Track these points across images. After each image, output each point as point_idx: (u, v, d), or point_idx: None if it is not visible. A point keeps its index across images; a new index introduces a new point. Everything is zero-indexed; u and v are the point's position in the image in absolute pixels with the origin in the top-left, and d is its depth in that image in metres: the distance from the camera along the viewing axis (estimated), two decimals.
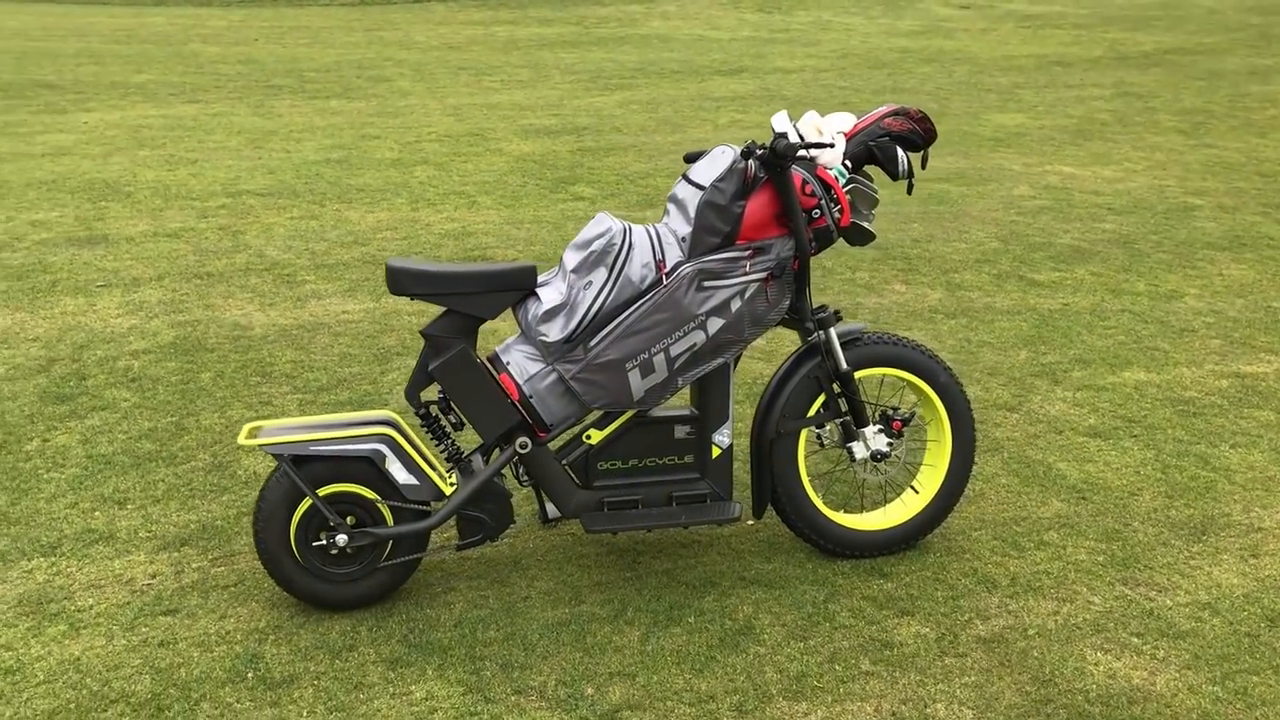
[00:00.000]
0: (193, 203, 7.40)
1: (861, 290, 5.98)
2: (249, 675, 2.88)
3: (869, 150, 3.22)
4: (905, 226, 7.29)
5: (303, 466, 3.03)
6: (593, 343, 3.06)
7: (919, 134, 3.27)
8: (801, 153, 3.18)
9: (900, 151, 3.23)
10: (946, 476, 3.44)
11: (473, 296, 3.07)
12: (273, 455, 3.02)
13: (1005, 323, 5.52)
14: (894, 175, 3.25)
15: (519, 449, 3.13)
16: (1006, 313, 5.67)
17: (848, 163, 3.21)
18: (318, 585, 3.08)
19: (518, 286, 3.10)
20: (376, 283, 5.85)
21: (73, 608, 3.16)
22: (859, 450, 3.37)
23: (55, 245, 6.44)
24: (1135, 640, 3.05)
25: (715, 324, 3.09)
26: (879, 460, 3.38)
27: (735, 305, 3.10)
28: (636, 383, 3.09)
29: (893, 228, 7.22)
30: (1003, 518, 3.68)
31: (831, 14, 20.09)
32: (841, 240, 6.81)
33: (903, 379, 3.39)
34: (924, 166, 3.37)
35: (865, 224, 3.29)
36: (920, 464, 3.57)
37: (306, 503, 3.03)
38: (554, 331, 3.05)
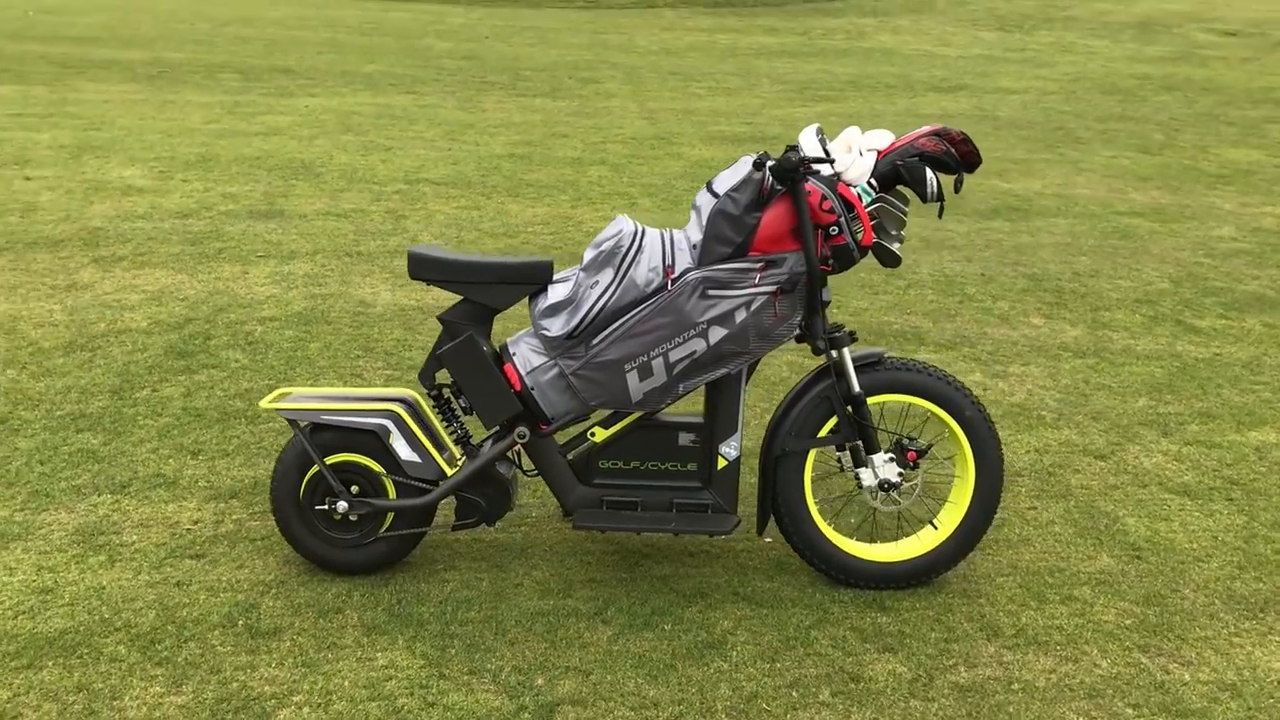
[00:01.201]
0: (372, 186, 7.84)
1: (994, 320, 5.75)
2: (239, 623, 3.08)
3: (896, 170, 3.13)
4: (1072, 259, 6.94)
5: (316, 434, 3.20)
6: (594, 341, 3.11)
7: (954, 157, 3.15)
8: (825, 169, 3.12)
9: (930, 173, 3.12)
10: (965, 516, 3.30)
11: (486, 287, 3.17)
12: (288, 420, 3.21)
13: (1137, 367, 5.19)
14: (923, 197, 3.14)
15: (517, 438, 3.21)
16: (1143, 357, 5.33)
17: (873, 181, 3.13)
18: (321, 547, 3.26)
19: (531, 280, 3.18)
20: None
21: (117, 542, 3.46)
22: (867, 478, 3.27)
23: (236, 217, 6.97)
24: (1129, 712, 2.85)
25: (717, 333, 3.07)
26: (888, 490, 3.27)
27: (740, 316, 3.07)
28: (634, 385, 3.12)
29: (1056, 258, 6.89)
30: (1038, 567, 3.49)
31: (1076, 36, 19.20)
32: (983, 269, 6.57)
33: (924, 408, 3.27)
34: (957, 190, 3.24)
35: (891, 245, 3.20)
36: (945, 500, 3.43)
37: (316, 468, 3.20)
38: (556, 327, 3.12)
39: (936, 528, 3.36)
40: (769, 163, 3.02)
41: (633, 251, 3.11)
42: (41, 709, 2.74)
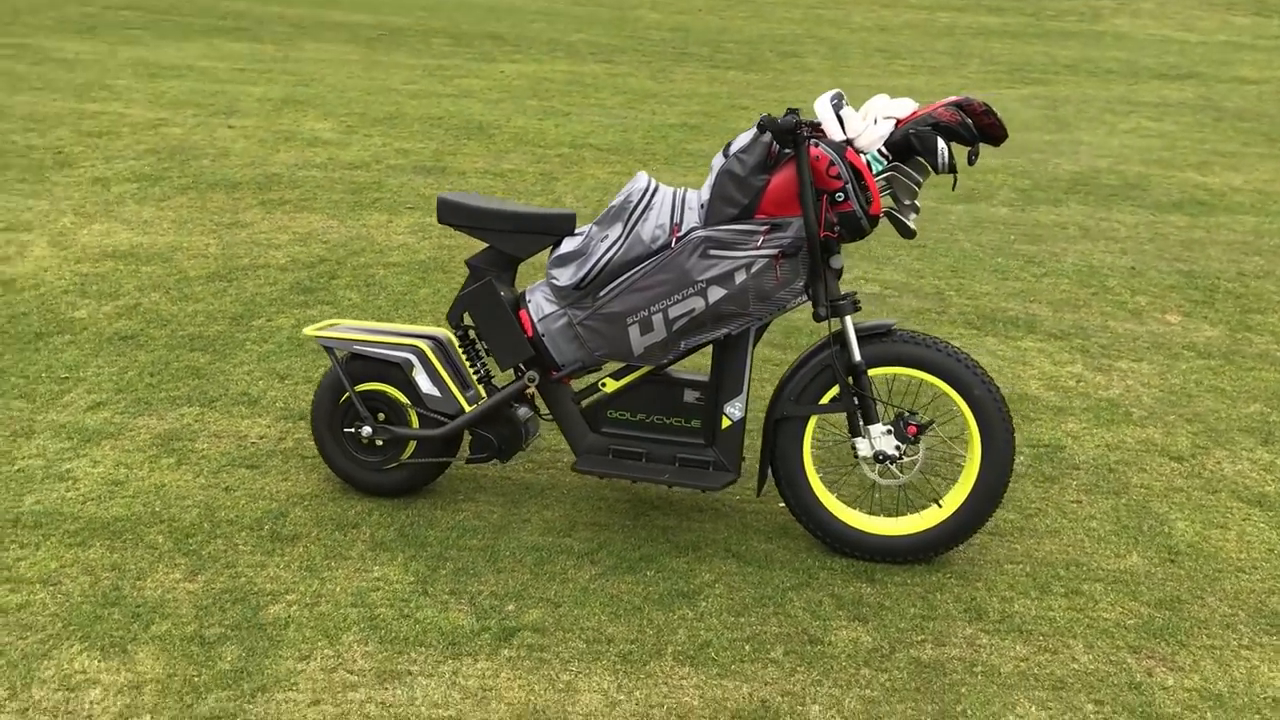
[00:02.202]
0: (536, 149, 8.14)
1: (1123, 314, 5.49)
2: (265, 528, 3.38)
3: (908, 139, 3.09)
4: (1242, 258, 6.51)
5: (350, 363, 3.46)
6: (601, 294, 3.22)
7: (970, 129, 3.08)
8: (837, 134, 3.11)
9: (941, 143, 3.07)
10: (968, 498, 3.24)
11: (506, 235, 3.33)
12: (325, 349, 3.48)
13: (1266, 373, 4.86)
14: (934, 168, 3.09)
15: (528, 381, 3.37)
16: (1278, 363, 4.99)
17: (884, 150, 3.10)
18: (350, 467, 3.52)
19: (550, 231, 3.32)
20: None
21: (189, 448, 3.83)
22: (863, 448, 3.26)
23: (401, 170, 7.40)
24: (1089, 708, 2.76)
25: (716, 293, 3.13)
26: (883, 462, 3.25)
27: (740, 277, 3.12)
28: (635, 338, 3.21)
29: (1224, 256, 6.48)
30: (1054, 559, 3.38)
31: None
32: (1135, 262, 6.25)
33: (931, 384, 3.23)
34: (970, 163, 3.16)
35: (902, 217, 3.16)
36: (953, 479, 3.38)
37: (347, 394, 3.46)
38: (565, 276, 3.25)
39: (940, 506, 3.31)
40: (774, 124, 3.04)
41: (641, 207, 3.20)
42: (78, 580, 3.11)
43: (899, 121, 3.13)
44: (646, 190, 3.22)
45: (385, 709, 2.67)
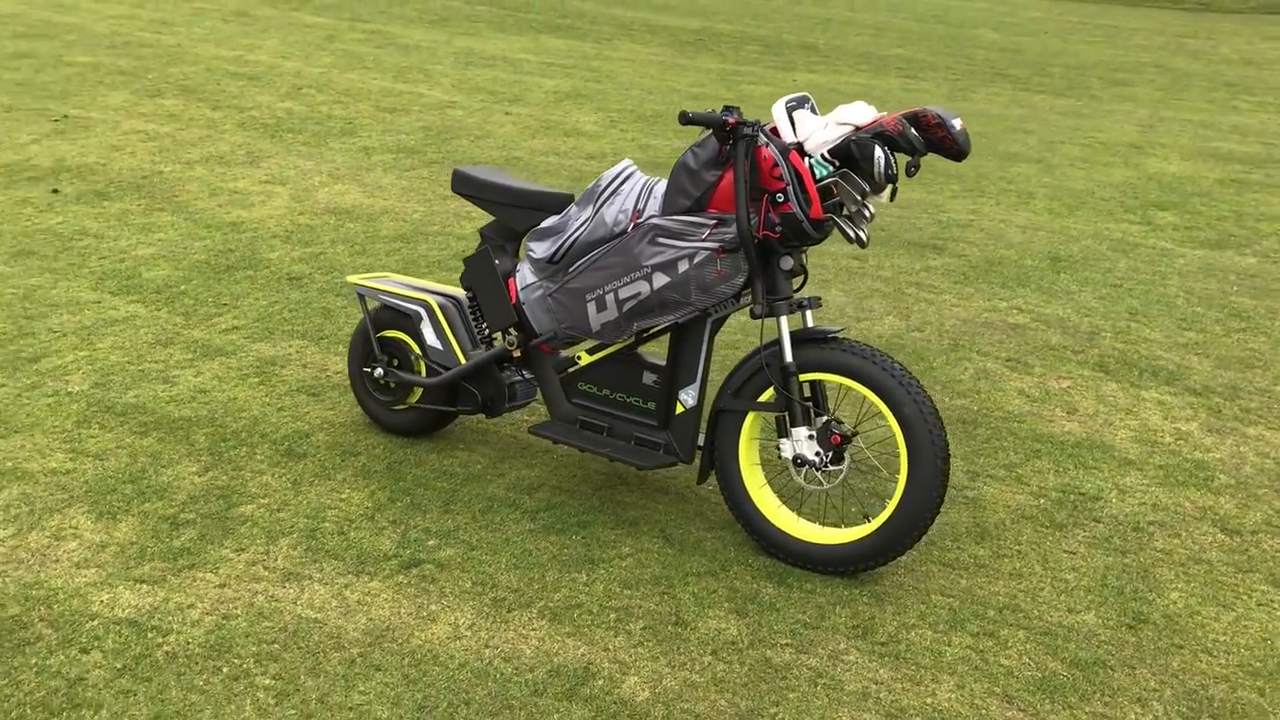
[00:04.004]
0: None
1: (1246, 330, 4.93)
2: (285, 445, 3.86)
3: (848, 146, 3.06)
4: None
5: (380, 311, 3.87)
6: (571, 269, 3.43)
7: (917, 140, 3.00)
8: (788, 135, 3.13)
9: (879, 151, 3.01)
10: (888, 519, 3.16)
11: (507, 208, 3.61)
12: (358, 295, 3.90)
13: None
14: (870, 176, 3.04)
15: (507, 345, 3.63)
16: None
17: (826, 154, 3.09)
18: (370, 404, 3.94)
19: (544, 208, 3.56)
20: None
21: (276, 373, 4.40)
22: (785, 449, 3.25)
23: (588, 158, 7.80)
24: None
25: (660, 279, 3.25)
26: (803, 466, 3.23)
27: (683, 267, 3.23)
28: (593, 315, 3.39)
29: None
30: (996, 600, 3.22)
31: None
32: None
33: (864, 396, 3.18)
34: (909, 174, 3.06)
35: (847, 225, 3.14)
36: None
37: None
38: (540, 250, 3.48)
39: (868, 520, 3.24)
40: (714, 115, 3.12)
41: (608, 192, 3.37)
42: (119, 459, 3.72)
43: (857, 129, 3.11)
44: (618, 176, 3.39)
45: (270, 600, 3.05)
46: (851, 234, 3.15)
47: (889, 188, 3.14)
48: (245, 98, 9.01)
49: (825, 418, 3.26)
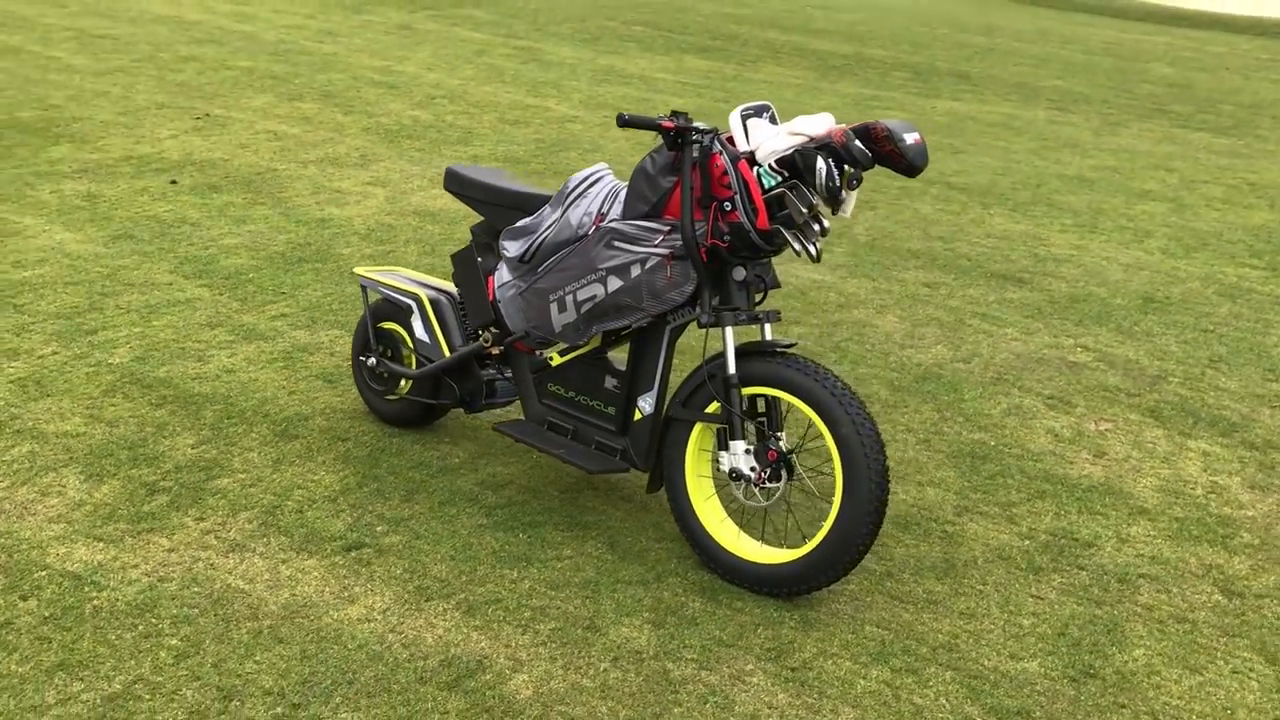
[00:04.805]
0: (893, 182, 8.12)
1: None
2: (282, 426, 4.01)
3: (793, 157, 2.98)
4: None
5: (381, 303, 3.98)
6: (539, 269, 3.46)
7: (861, 152, 2.91)
8: (742, 144, 3.08)
9: (820, 162, 2.93)
10: (821, 542, 3.05)
11: (490, 207, 3.66)
12: (361, 286, 4.02)
13: None
14: (811, 187, 2.95)
15: (483, 342, 3.67)
16: None
17: (774, 164, 3.02)
18: (365, 392, 4.05)
19: (523, 208, 3.60)
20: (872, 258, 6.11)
21: (304, 359, 4.57)
22: (723, 462, 3.18)
23: None
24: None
25: (614, 283, 3.24)
26: (737, 480, 3.15)
27: (635, 271, 3.21)
28: (555, 316, 3.41)
29: None
30: (933, 639, 3.07)
31: None
32: None
33: (802, 412, 3.09)
34: (852, 187, 2.94)
35: (794, 238, 3.05)
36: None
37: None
38: (513, 249, 3.52)
39: (805, 540, 3.14)
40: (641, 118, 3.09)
41: (574, 195, 3.38)
42: (128, 427, 3.93)
43: (809, 139, 3.03)
44: (587, 178, 3.39)
45: (208, 568, 3.17)
46: (798, 248, 3.07)
47: (848, 201, 3.05)
48: (378, 105, 9.39)
49: (768, 434, 3.18)
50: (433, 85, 10.29)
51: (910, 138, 2.94)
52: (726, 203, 3.06)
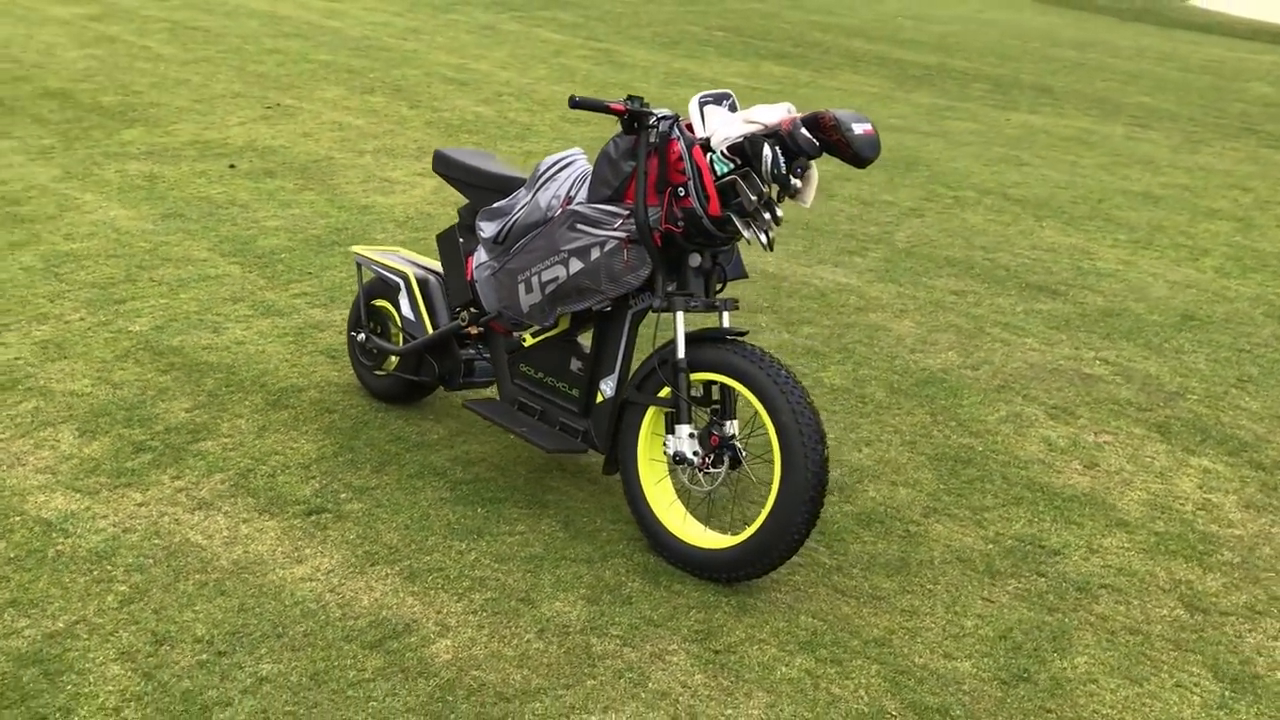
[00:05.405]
0: (953, 191, 8.03)
1: None
2: (275, 397, 4.14)
3: (743, 144, 2.99)
4: None
5: (373, 280, 4.09)
6: (511, 250, 3.53)
7: (800, 141, 2.91)
8: (699, 130, 3.11)
9: (767, 149, 2.94)
10: (758, 529, 3.06)
11: (472, 189, 3.74)
12: (356, 264, 4.14)
13: None
14: (757, 174, 2.96)
15: (460, 321, 3.75)
16: None
17: (726, 151, 3.04)
18: (358, 367, 4.17)
19: (502, 190, 3.67)
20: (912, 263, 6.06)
21: (313, 335, 4.70)
22: (669, 446, 3.20)
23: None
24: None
25: (575, 265, 3.29)
26: (681, 464, 3.17)
27: (594, 254, 3.25)
28: (523, 297, 3.47)
29: None
30: (867, 633, 3.05)
31: None
32: None
33: (745, 398, 3.10)
34: (797, 175, 2.94)
35: (744, 225, 3.06)
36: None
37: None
38: (488, 230, 3.59)
39: (746, 527, 3.15)
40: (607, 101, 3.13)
41: (545, 178, 3.44)
42: (130, 390, 4.10)
43: (764, 127, 3.05)
44: (558, 162, 3.45)
45: (172, 523, 3.30)
46: (749, 236, 3.08)
47: (806, 190, 3.05)
48: (445, 100, 9.59)
49: (711, 420, 3.20)
50: (502, 83, 10.46)
51: (859, 128, 2.94)
52: (680, 188, 3.09)
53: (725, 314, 3.28)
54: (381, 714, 2.62)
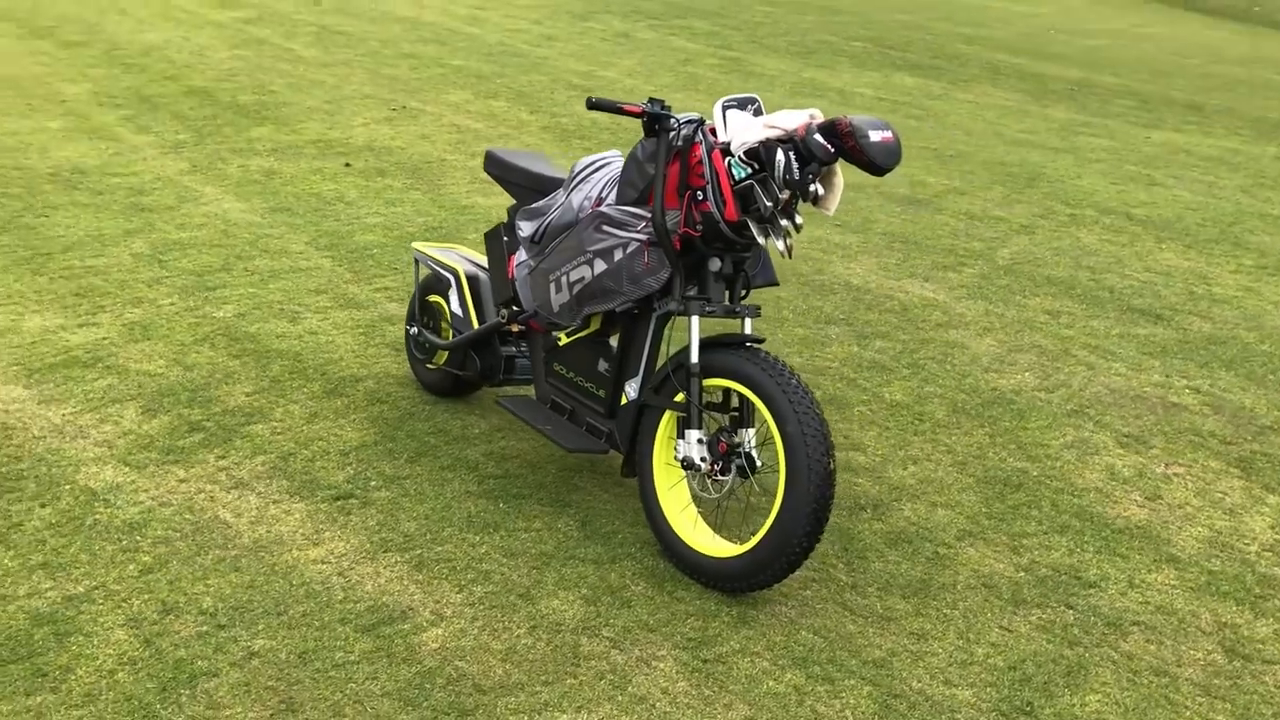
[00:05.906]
0: (1067, 207, 7.76)
1: None
2: (333, 385, 4.27)
3: (758, 149, 2.95)
4: None
5: (429, 277, 4.19)
6: (546, 250, 3.56)
7: (813, 147, 2.85)
8: (722, 134, 3.08)
9: (780, 155, 2.89)
10: (762, 540, 3.01)
11: (519, 189, 3.79)
12: (414, 258, 4.24)
13: None
14: (770, 179, 2.92)
15: (500, 319, 3.80)
16: None
17: (744, 156, 3.00)
18: (412, 360, 4.27)
19: (544, 190, 3.71)
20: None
21: (380, 329, 4.83)
22: (679, 450, 3.17)
23: (883, 198, 7.63)
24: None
25: (599, 266, 3.31)
26: (690, 469, 3.14)
27: (617, 256, 3.26)
28: (553, 296, 3.50)
29: None
30: (867, 654, 2.97)
31: None
32: None
33: (753, 404, 3.06)
34: (810, 180, 2.87)
35: (758, 231, 3.02)
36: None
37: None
38: (526, 229, 3.63)
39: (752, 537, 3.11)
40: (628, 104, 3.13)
41: (578, 180, 3.46)
42: (201, 371, 4.29)
43: (785, 132, 3.00)
44: (593, 164, 3.47)
45: (207, 499, 3.44)
46: (764, 241, 3.04)
47: (829, 197, 3.00)
48: (565, 106, 9.72)
49: (724, 427, 3.16)
50: (626, 90, 10.54)
51: (876, 135, 2.87)
52: (699, 192, 3.07)
53: (747, 320, 3.24)
54: (358, 696, 2.68)
